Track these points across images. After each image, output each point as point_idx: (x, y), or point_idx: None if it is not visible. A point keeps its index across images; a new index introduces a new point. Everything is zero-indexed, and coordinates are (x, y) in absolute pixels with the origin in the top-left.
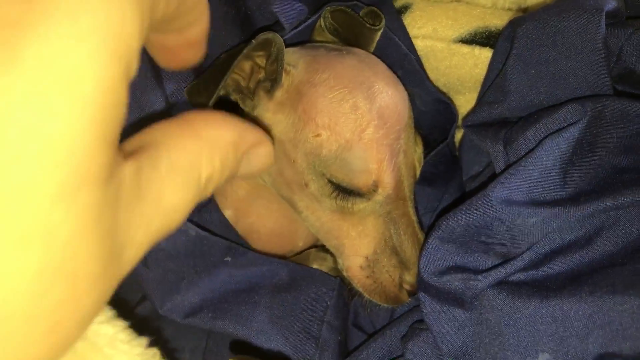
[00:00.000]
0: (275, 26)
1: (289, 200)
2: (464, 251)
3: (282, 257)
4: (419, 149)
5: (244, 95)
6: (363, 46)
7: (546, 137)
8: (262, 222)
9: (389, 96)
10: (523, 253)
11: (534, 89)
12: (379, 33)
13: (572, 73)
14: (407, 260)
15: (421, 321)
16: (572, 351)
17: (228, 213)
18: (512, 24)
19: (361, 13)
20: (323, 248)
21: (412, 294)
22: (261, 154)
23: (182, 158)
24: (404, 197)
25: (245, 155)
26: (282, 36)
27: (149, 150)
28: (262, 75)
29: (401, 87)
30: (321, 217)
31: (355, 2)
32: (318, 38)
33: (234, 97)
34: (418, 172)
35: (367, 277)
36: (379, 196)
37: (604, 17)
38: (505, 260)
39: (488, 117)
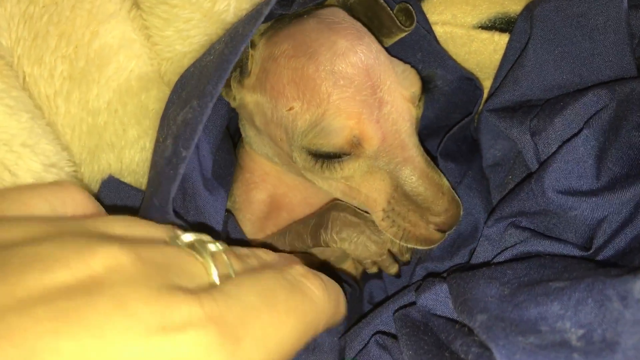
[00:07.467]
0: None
1: (300, 175)
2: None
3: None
4: (419, 110)
5: (226, 87)
6: (382, 36)
7: (583, 127)
8: (293, 193)
9: (353, 53)
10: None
11: (557, 69)
12: (404, 34)
13: (596, 53)
14: (423, 202)
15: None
16: None
17: (260, 194)
18: (530, 6)
19: (396, 9)
20: None
21: (442, 231)
22: None
23: None
24: (402, 145)
25: None
26: (288, 9)
27: None
28: None
29: (368, 40)
30: (329, 185)
31: None
32: None
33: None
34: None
35: (391, 226)
36: (368, 150)
37: None
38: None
39: (510, 99)
